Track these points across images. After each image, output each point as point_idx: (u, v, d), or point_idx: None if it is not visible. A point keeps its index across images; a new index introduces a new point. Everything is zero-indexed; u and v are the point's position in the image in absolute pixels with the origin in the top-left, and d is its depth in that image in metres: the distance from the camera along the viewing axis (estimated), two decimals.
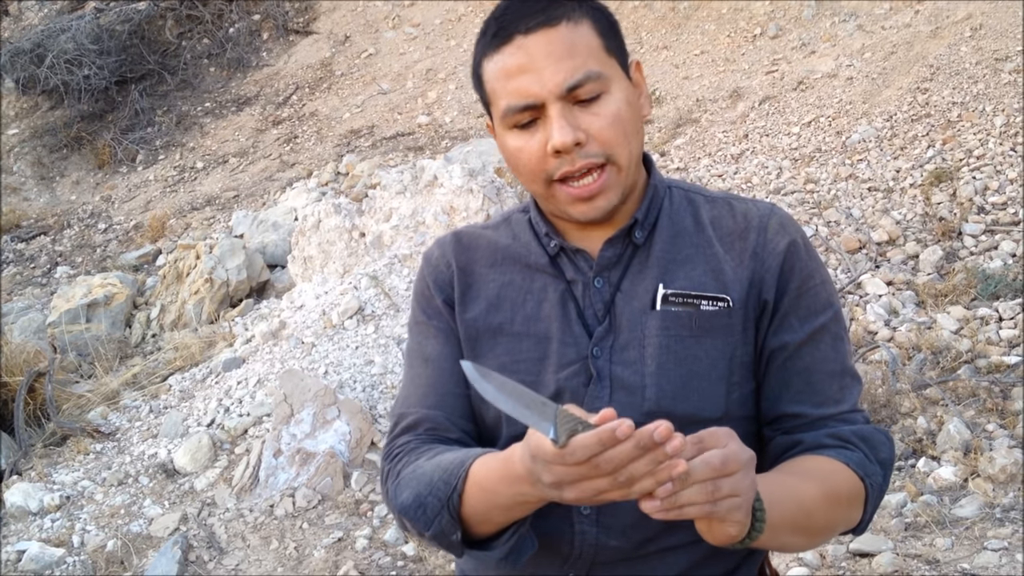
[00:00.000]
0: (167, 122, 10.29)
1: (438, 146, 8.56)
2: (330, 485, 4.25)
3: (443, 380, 1.31)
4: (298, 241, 6.39)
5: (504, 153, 1.25)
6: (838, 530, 1.22)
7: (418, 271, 1.40)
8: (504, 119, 1.21)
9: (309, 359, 5.14)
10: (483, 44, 1.23)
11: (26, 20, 11.65)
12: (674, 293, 1.23)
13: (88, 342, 6.29)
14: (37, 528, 4.31)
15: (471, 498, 1.14)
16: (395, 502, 1.24)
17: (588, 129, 1.18)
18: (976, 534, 3.28)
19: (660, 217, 1.29)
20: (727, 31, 8.86)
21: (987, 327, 4.50)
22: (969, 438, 3.77)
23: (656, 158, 7.30)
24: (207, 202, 8.85)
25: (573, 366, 1.25)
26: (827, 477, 1.17)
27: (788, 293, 1.25)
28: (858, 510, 1.20)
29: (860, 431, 1.23)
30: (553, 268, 1.30)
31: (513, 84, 1.18)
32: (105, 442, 5.09)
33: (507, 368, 1.26)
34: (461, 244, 1.37)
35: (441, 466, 1.19)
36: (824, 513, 1.16)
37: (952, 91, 6.50)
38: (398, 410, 1.35)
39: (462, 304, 1.33)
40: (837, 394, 1.25)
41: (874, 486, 1.20)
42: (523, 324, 1.29)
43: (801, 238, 1.28)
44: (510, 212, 1.40)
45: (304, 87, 10.23)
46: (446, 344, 1.33)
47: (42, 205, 9.49)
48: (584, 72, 1.17)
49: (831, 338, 1.26)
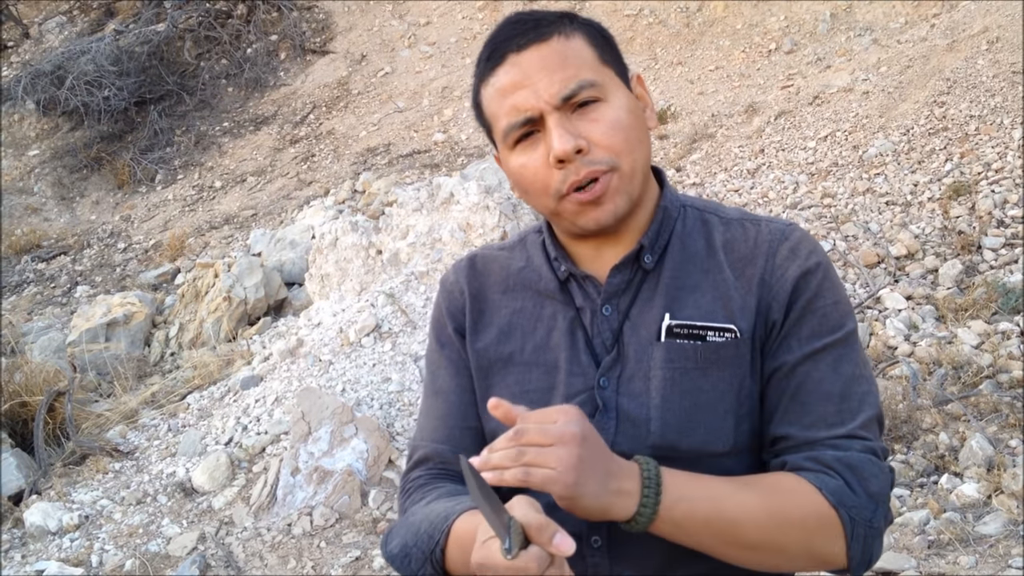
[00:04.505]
0: (186, 142, 10.38)
1: (454, 163, 8.59)
2: (348, 503, 4.24)
3: (452, 414, 1.32)
4: (315, 259, 6.41)
5: (512, 177, 1.24)
6: (795, 555, 1.12)
7: (436, 296, 1.40)
8: (506, 138, 1.21)
9: (326, 377, 5.15)
10: (479, 72, 1.23)
11: (47, 43, 11.79)
12: (679, 324, 1.20)
13: (107, 361, 6.33)
14: (56, 548, 4.32)
15: (453, 553, 1.17)
16: (384, 549, 1.28)
17: (588, 136, 1.16)
18: (1000, 552, 3.23)
19: (671, 240, 1.26)
20: (742, 46, 8.86)
21: (1008, 341, 4.46)
22: (992, 454, 3.73)
23: (672, 173, 7.29)
24: (225, 221, 8.90)
25: (580, 396, 1.22)
26: (777, 493, 1.12)
27: (792, 313, 1.20)
28: (831, 542, 1.12)
29: (847, 458, 1.14)
30: (563, 295, 1.29)
31: (510, 101, 1.18)
32: (124, 461, 5.11)
33: (517, 398, 1.25)
34: (475, 269, 1.37)
35: (429, 518, 1.21)
36: (761, 528, 1.10)
37: (969, 104, 6.47)
38: (413, 443, 1.37)
39: (474, 332, 1.33)
40: (832, 417, 1.17)
41: (856, 519, 1.11)
42: (533, 353, 1.28)
43: (815, 264, 1.21)
44: (527, 232, 1.39)
45: (321, 106, 10.30)
46: (456, 375, 1.33)
47: (62, 225, 9.58)
48: (578, 81, 1.16)
49: (833, 359, 1.19)
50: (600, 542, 1.21)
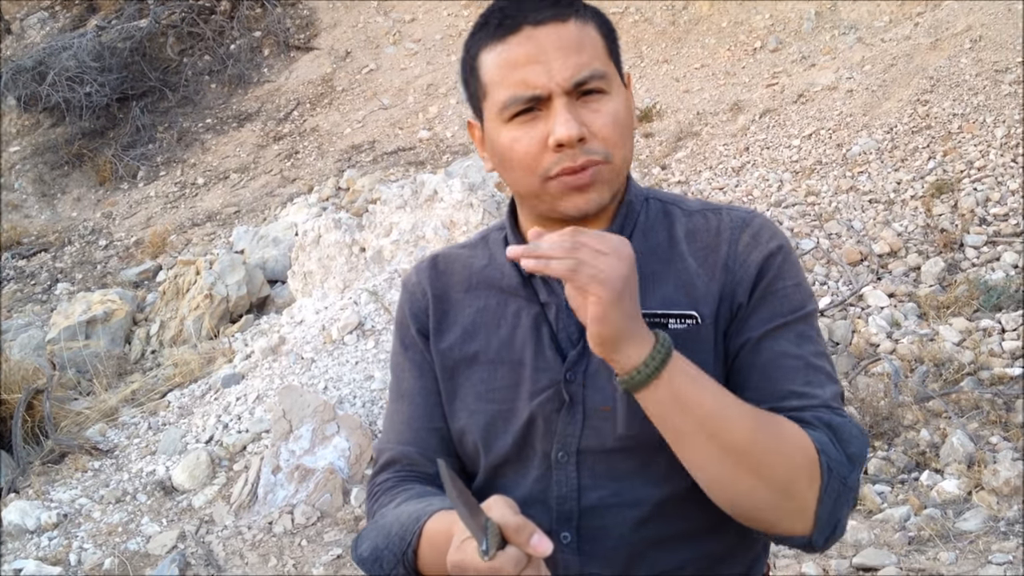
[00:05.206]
0: (168, 138, 10.31)
1: (439, 161, 8.57)
2: (329, 501, 4.21)
3: (417, 416, 1.31)
4: (298, 256, 6.38)
5: (497, 149, 1.22)
6: (772, 482, 1.07)
7: (399, 298, 1.39)
8: (503, 110, 1.18)
9: (309, 375, 5.12)
10: (484, 35, 1.20)
11: (28, 38, 11.70)
12: (641, 314, 1.19)
13: (87, 359, 6.28)
14: (34, 546, 4.27)
15: (425, 553, 1.16)
16: (354, 553, 1.27)
17: (591, 126, 1.16)
18: (980, 548, 3.24)
19: (635, 232, 1.26)
20: (727, 44, 8.87)
21: (990, 339, 4.48)
22: (973, 451, 3.74)
23: (657, 171, 7.30)
24: (208, 218, 8.85)
25: (546, 392, 1.21)
26: (774, 418, 1.10)
27: (756, 293, 1.20)
28: (808, 485, 1.08)
29: (828, 419, 1.13)
30: (526, 291, 1.27)
31: (519, 74, 1.16)
32: (103, 459, 5.06)
33: (483, 398, 1.25)
34: (437, 269, 1.36)
35: (400, 519, 1.21)
36: (749, 436, 1.07)
37: (952, 103, 6.49)
38: (379, 446, 1.36)
39: (437, 333, 1.32)
40: (802, 388, 1.15)
41: (835, 472, 1.09)
42: (498, 351, 1.26)
43: (776, 247, 1.22)
44: (488, 230, 1.38)
45: (305, 103, 10.25)
46: (420, 377, 1.32)
47: (43, 222, 9.50)
48: (591, 69, 1.16)
49: (795, 335, 1.18)
50: (569, 538, 1.20)
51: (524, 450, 1.21)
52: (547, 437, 1.21)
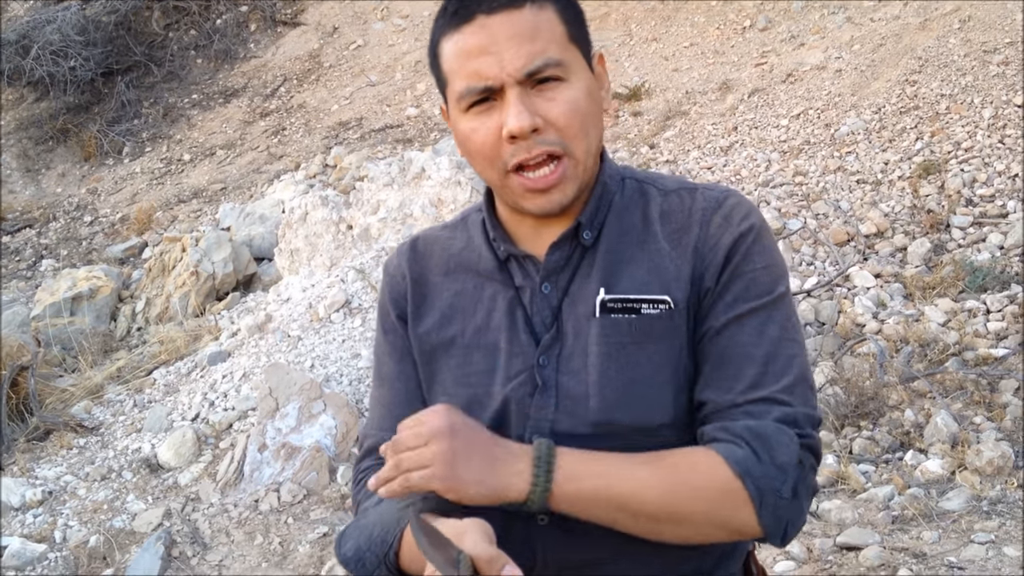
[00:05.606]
0: (154, 114, 10.22)
1: (427, 138, 8.52)
2: (315, 480, 4.22)
3: (397, 401, 1.32)
4: (285, 234, 6.35)
5: (457, 137, 1.21)
6: (702, 524, 1.11)
7: (381, 281, 1.38)
8: (460, 101, 1.17)
9: (295, 352, 5.11)
10: (442, 22, 1.19)
11: (11, 11, 11.54)
12: (612, 299, 1.18)
13: (72, 336, 6.24)
14: (19, 524, 4.26)
15: (406, 554, 1.19)
16: (338, 552, 1.28)
17: (546, 116, 1.14)
18: (963, 527, 3.27)
19: (609, 215, 1.24)
20: (716, 23, 8.83)
21: (975, 319, 4.50)
22: (956, 431, 3.76)
23: (645, 150, 7.28)
24: (194, 194, 8.79)
25: (520, 376, 1.21)
26: (678, 466, 1.12)
27: (722, 278, 1.18)
28: (737, 511, 1.10)
29: (756, 427, 1.11)
30: (502, 275, 1.27)
31: (472, 65, 1.14)
32: (88, 437, 5.04)
33: (460, 382, 1.25)
34: (416, 252, 1.35)
35: (382, 520, 1.23)
36: (658, 500, 1.10)
37: (940, 83, 6.49)
38: (363, 432, 1.38)
39: (416, 318, 1.31)
40: (753, 379, 1.14)
41: (763, 488, 1.09)
42: (474, 336, 1.26)
43: (747, 227, 1.19)
44: (469, 211, 1.37)
45: (292, 79, 10.17)
46: (400, 363, 1.33)
47: (27, 198, 9.42)
48: (544, 58, 1.13)
49: (758, 322, 1.16)
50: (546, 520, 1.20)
51: (500, 434, 1.20)
52: (521, 421, 1.20)
